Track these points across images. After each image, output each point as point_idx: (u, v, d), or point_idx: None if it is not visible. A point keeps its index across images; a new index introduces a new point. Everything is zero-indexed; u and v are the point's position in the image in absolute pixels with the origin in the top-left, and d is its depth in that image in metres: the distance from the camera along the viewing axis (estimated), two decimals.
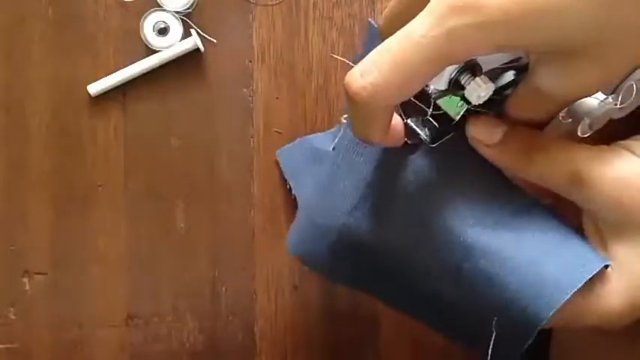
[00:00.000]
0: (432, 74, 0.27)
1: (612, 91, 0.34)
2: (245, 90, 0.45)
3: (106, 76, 0.44)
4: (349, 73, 0.28)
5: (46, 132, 0.45)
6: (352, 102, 0.28)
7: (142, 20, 0.43)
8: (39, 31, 0.44)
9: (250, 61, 0.45)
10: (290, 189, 0.43)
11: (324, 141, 0.41)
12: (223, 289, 0.45)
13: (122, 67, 0.44)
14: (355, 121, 0.30)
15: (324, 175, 0.37)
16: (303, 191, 0.40)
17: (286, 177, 0.43)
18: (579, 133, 0.33)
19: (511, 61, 0.31)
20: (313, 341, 0.45)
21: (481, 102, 0.30)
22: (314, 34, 0.45)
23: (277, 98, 0.45)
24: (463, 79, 0.30)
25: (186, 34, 0.44)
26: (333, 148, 0.38)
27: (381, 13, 0.44)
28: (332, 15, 0.44)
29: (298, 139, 0.44)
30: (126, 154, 0.45)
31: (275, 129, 0.45)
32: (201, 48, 0.44)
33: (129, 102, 0.45)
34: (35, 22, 0.44)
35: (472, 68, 0.30)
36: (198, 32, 0.44)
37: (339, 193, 0.35)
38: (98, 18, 0.44)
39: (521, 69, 0.32)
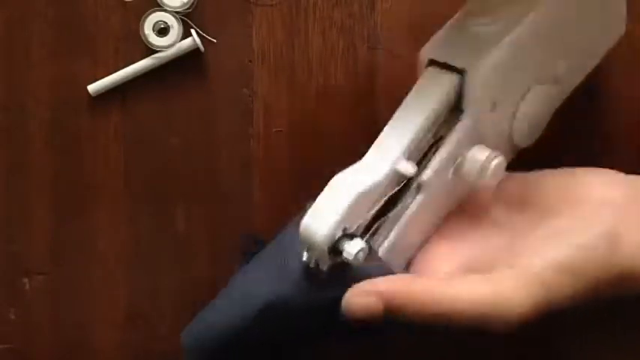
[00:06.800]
0: None
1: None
2: (245, 90, 0.45)
3: (106, 76, 0.44)
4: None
5: (46, 132, 0.45)
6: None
7: (142, 20, 0.43)
8: (39, 31, 0.44)
9: (250, 61, 0.45)
10: None
11: None
12: (223, 289, 0.45)
13: (122, 67, 0.44)
14: None
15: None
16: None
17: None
18: (483, 195, 0.37)
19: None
20: None
21: (361, 261, 0.32)
22: (314, 34, 0.45)
23: (277, 98, 0.45)
24: (340, 247, 0.33)
25: (186, 34, 0.44)
26: None
27: (381, 13, 0.44)
28: (332, 15, 0.44)
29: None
30: (126, 154, 0.45)
31: (275, 129, 0.45)
32: (201, 48, 0.44)
33: (129, 102, 0.45)
34: (35, 22, 0.44)
35: (347, 236, 0.33)
36: (198, 32, 0.44)
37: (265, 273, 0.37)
38: (98, 18, 0.44)
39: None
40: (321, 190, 0.34)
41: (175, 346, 0.45)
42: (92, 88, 0.44)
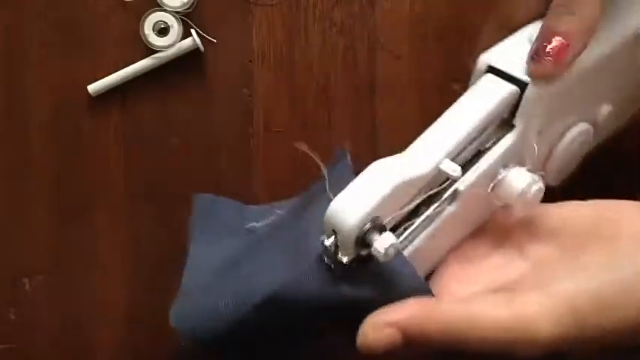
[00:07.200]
0: None
1: (540, 168, 0.36)
2: (245, 90, 0.45)
3: (106, 76, 0.44)
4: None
5: (46, 132, 0.45)
6: None
7: (142, 20, 0.43)
8: (39, 31, 0.44)
9: (250, 61, 0.45)
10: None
11: (249, 215, 0.42)
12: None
13: (122, 67, 0.44)
14: None
15: (238, 251, 0.38)
16: (204, 258, 0.39)
17: (193, 224, 0.41)
18: (513, 219, 0.35)
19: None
20: None
21: (390, 258, 0.30)
22: (314, 34, 0.45)
23: (277, 98, 0.45)
24: (369, 238, 0.30)
25: (186, 34, 0.44)
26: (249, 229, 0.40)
27: (381, 13, 0.44)
28: (332, 15, 0.44)
29: (225, 199, 0.43)
30: (126, 154, 0.45)
31: (275, 129, 0.45)
32: (201, 48, 0.44)
33: (129, 102, 0.45)
34: (35, 23, 0.44)
35: (378, 228, 0.30)
36: (198, 32, 0.44)
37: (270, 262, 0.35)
38: (98, 18, 0.44)
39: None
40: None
41: (175, 347, 0.45)
42: (92, 88, 0.44)
